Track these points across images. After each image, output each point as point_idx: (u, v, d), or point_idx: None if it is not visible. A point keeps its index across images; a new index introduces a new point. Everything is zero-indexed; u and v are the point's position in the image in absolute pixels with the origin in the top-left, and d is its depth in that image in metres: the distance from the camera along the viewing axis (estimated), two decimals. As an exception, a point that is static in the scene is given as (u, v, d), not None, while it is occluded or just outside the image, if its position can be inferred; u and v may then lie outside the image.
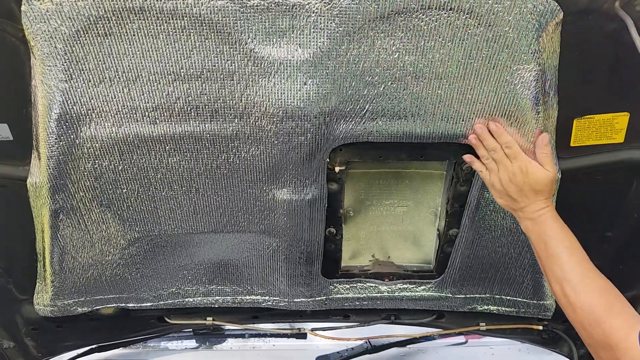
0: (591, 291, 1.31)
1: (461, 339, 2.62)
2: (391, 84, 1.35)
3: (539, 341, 2.16)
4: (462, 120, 1.41)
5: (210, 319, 2.07)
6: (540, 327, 2.05)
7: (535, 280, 1.81)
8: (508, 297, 1.90)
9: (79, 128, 1.39)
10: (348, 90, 1.36)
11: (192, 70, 1.32)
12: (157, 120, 1.40)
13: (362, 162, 1.63)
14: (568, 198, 1.58)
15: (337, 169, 1.56)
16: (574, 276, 1.33)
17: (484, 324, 2.08)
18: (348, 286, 1.90)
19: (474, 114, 1.40)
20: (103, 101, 1.35)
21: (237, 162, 1.49)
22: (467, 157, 1.49)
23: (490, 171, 1.44)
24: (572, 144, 1.50)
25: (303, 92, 1.34)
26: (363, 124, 1.42)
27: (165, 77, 1.32)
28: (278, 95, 1.35)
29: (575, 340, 2.06)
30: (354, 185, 1.73)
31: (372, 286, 1.90)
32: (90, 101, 1.35)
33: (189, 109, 1.38)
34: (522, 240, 1.70)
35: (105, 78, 1.32)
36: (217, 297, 1.92)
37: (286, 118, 1.38)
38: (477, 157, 1.47)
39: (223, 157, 1.48)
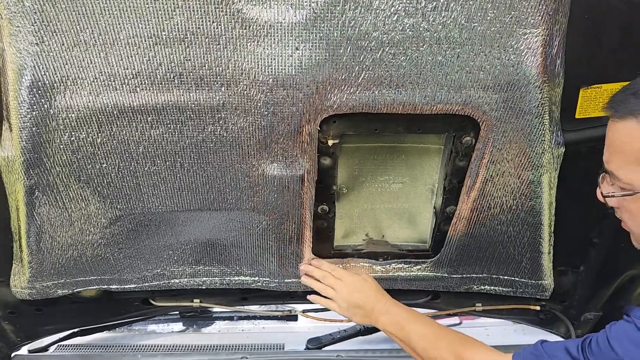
0: (446, 335, 1.50)
1: (455, 319, 2.59)
2: (389, 49, 1.26)
3: (535, 322, 2.13)
4: (464, 90, 1.33)
5: (198, 300, 2.00)
6: (538, 308, 2.00)
7: (534, 259, 1.76)
8: (505, 277, 1.85)
9: (53, 97, 1.29)
10: (343, 57, 1.27)
11: (174, 33, 1.22)
12: (138, 89, 1.30)
13: (356, 136, 1.55)
14: (570, 172, 1.52)
15: (330, 142, 1.47)
16: (431, 335, 1.51)
17: (480, 304, 2.04)
18: (341, 266, 1.84)
19: (476, 82, 1.32)
20: (78, 67, 1.26)
21: (224, 134, 1.41)
22: (311, 298, 1.73)
23: (333, 297, 1.65)
24: (577, 116, 1.43)
25: (295, 58, 1.26)
26: (358, 93, 1.34)
27: (145, 41, 1.23)
28: (268, 62, 1.26)
29: (573, 320, 2.03)
30: (347, 160, 1.65)
31: (365, 266, 1.84)
32: (65, 67, 1.25)
33: (172, 76, 1.29)
34: (521, 218, 1.64)
35: (80, 41, 1.22)
36: (204, 278, 1.85)
37: (276, 86, 1.30)
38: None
39: (209, 130, 1.40)
